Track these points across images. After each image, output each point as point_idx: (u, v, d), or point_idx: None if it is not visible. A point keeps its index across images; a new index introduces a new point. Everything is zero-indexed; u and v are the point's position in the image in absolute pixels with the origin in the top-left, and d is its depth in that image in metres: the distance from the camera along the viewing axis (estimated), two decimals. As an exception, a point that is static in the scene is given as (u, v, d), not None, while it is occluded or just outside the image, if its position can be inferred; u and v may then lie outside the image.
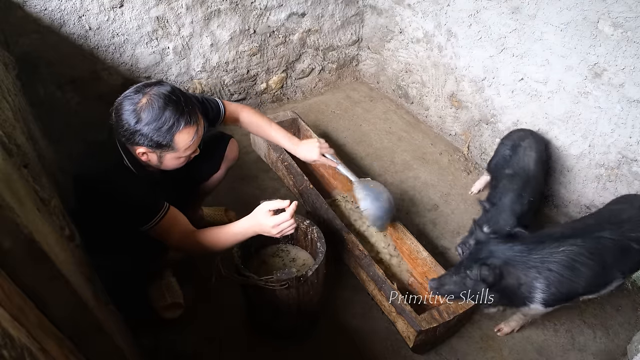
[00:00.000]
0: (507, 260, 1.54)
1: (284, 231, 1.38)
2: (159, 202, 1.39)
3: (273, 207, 1.37)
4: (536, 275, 1.53)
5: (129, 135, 1.27)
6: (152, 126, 1.24)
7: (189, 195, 1.90)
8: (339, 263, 2.01)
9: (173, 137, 1.28)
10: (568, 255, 1.53)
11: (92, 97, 2.34)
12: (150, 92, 1.26)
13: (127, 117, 1.25)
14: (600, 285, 1.58)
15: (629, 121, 1.88)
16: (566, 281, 1.52)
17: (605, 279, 1.56)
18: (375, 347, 1.74)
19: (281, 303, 1.50)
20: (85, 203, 1.41)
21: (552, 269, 1.52)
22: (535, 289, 1.55)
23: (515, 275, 1.53)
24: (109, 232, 1.39)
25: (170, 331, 1.73)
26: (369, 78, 3.49)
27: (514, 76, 2.31)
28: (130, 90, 1.28)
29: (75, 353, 0.78)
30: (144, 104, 1.24)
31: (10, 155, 0.86)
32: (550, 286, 1.53)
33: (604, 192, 2.09)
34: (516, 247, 1.57)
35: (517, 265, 1.54)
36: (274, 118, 2.63)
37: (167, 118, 1.25)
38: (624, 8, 1.74)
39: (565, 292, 1.53)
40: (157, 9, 2.27)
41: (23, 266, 0.63)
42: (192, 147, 1.37)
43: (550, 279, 1.52)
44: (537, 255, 1.54)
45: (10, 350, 0.50)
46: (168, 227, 1.40)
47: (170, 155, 1.35)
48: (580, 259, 1.52)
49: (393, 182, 2.57)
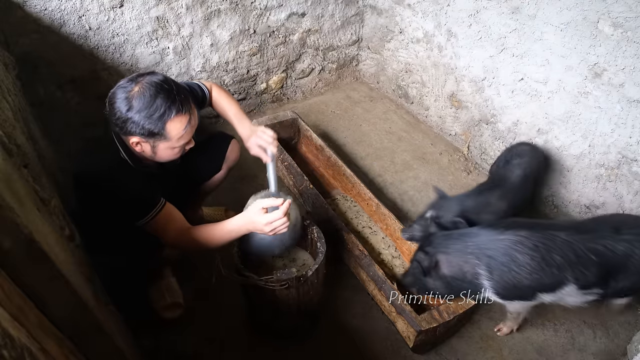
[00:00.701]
0: (443, 247, 1.60)
1: (276, 229, 1.36)
2: (155, 196, 1.39)
3: (266, 204, 1.35)
4: (476, 262, 1.56)
5: (122, 124, 1.28)
6: (144, 114, 1.25)
7: (189, 195, 1.90)
8: (339, 263, 2.01)
9: (165, 125, 1.28)
10: (506, 244, 1.53)
11: (92, 97, 2.34)
12: (142, 81, 1.27)
13: (119, 105, 1.26)
14: (553, 285, 1.54)
15: (629, 121, 1.88)
16: (507, 270, 1.52)
17: (554, 278, 1.52)
18: (375, 347, 1.74)
19: (281, 303, 1.50)
20: (85, 199, 1.42)
21: (490, 255, 1.54)
22: (480, 276, 1.57)
23: (455, 262, 1.58)
24: (108, 229, 1.39)
25: (170, 331, 1.73)
26: (369, 78, 3.49)
27: (514, 76, 2.31)
28: (123, 80, 1.30)
29: (75, 353, 0.78)
30: (136, 92, 1.25)
31: (10, 155, 0.86)
32: (492, 272, 1.54)
33: (604, 192, 2.09)
34: (454, 234, 1.62)
35: (453, 253, 1.59)
36: (274, 118, 2.63)
37: (158, 106, 1.25)
38: (624, 8, 1.74)
39: (511, 282, 1.53)
40: (157, 9, 2.27)
41: (23, 266, 0.63)
42: (186, 137, 1.36)
43: (491, 265, 1.54)
44: (473, 243, 1.57)
45: (10, 350, 0.50)
46: (164, 223, 1.39)
47: (163, 145, 1.35)
48: (519, 247, 1.51)
49: (393, 182, 2.57)
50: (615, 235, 1.53)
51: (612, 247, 1.51)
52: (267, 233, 1.37)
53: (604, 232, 1.55)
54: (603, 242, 1.52)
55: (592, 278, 1.52)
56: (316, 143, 2.53)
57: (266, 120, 2.60)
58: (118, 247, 1.44)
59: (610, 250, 1.51)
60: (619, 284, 1.56)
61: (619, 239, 1.52)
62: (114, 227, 1.39)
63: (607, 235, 1.54)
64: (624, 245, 1.51)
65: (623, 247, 1.51)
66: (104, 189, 1.34)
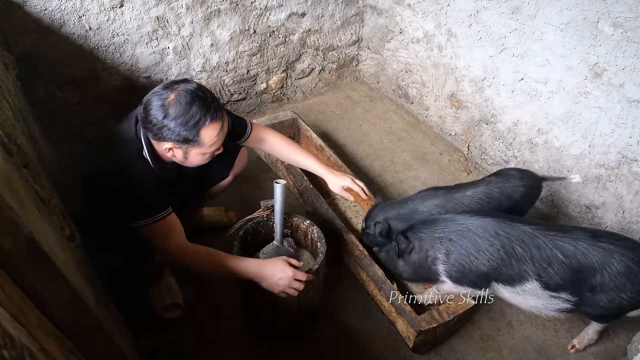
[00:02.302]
0: (419, 233, 1.65)
1: (285, 287, 1.39)
2: (163, 202, 1.40)
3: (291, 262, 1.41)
4: (439, 246, 1.58)
5: (157, 131, 1.30)
6: (179, 121, 1.28)
7: (194, 199, 1.91)
8: (339, 263, 2.01)
9: (199, 132, 1.31)
10: (469, 227, 1.53)
11: (92, 97, 2.34)
12: (178, 89, 1.29)
13: (155, 112, 1.28)
14: (512, 278, 1.49)
15: (629, 121, 1.88)
16: (465, 253, 1.51)
17: (513, 270, 1.48)
18: (375, 347, 1.74)
19: (281, 303, 1.50)
20: (94, 193, 1.42)
21: (452, 239, 1.55)
22: (437, 260, 1.58)
23: (425, 248, 1.62)
24: (111, 227, 1.40)
25: (170, 331, 1.73)
26: (369, 78, 3.49)
27: (514, 76, 2.31)
28: (158, 87, 1.32)
29: (75, 353, 0.78)
30: (172, 100, 1.28)
31: (10, 155, 0.85)
32: (449, 256, 1.54)
33: (604, 192, 2.09)
34: (430, 221, 1.67)
35: (425, 239, 1.62)
36: (274, 118, 2.63)
37: (193, 113, 1.28)
38: (624, 8, 1.74)
39: (467, 265, 1.52)
40: (157, 9, 2.27)
41: (23, 266, 0.63)
42: (217, 143, 1.39)
43: (449, 249, 1.54)
44: (440, 228, 1.60)
45: (10, 350, 0.50)
46: (164, 232, 1.40)
47: (195, 151, 1.38)
48: (480, 232, 1.50)
49: (393, 182, 2.57)
50: (592, 240, 1.45)
51: (585, 251, 1.43)
52: (275, 291, 1.40)
53: (579, 235, 1.47)
54: (575, 243, 1.44)
55: (558, 279, 1.45)
56: (316, 143, 2.53)
57: (266, 120, 2.60)
58: (120, 247, 1.44)
59: (583, 253, 1.43)
60: (595, 296, 1.47)
61: (595, 245, 1.44)
62: (117, 225, 1.39)
63: (582, 238, 1.46)
64: (600, 252, 1.42)
65: (599, 253, 1.42)
66: (116, 183, 1.34)
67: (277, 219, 1.55)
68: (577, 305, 1.53)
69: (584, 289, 1.47)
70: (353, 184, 1.75)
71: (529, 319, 1.88)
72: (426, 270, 1.65)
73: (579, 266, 1.44)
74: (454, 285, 1.62)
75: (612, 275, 1.43)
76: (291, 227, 1.72)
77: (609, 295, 1.46)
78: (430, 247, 1.62)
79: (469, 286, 1.59)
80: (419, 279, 1.72)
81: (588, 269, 1.44)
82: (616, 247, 1.44)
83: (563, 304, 1.52)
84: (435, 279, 1.65)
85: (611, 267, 1.42)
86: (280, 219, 1.55)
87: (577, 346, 1.75)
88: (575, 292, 1.49)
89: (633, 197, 1.99)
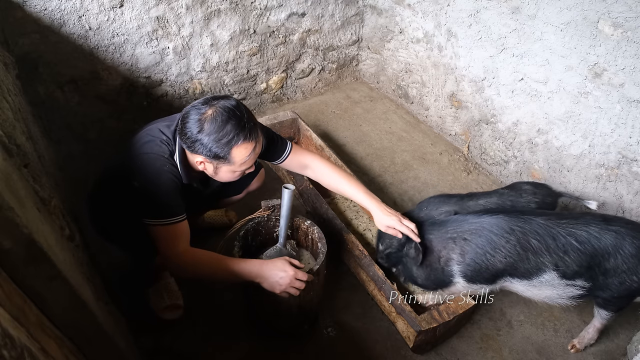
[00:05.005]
0: (428, 234, 1.62)
1: (287, 287, 1.39)
2: (180, 208, 1.41)
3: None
4: (453, 246, 1.55)
5: (190, 143, 1.32)
6: (213, 137, 1.29)
7: (202, 206, 1.91)
8: (339, 263, 2.01)
9: (230, 150, 1.32)
10: (483, 225, 1.52)
11: (92, 97, 2.34)
12: (216, 105, 1.31)
13: (191, 125, 1.30)
14: (529, 271, 1.49)
15: (629, 121, 1.88)
16: (481, 252, 1.50)
17: (530, 264, 1.48)
18: (375, 347, 1.74)
19: (281, 303, 1.50)
20: (116, 185, 1.43)
21: (466, 238, 1.53)
22: (451, 261, 1.55)
23: (436, 249, 1.59)
24: (123, 223, 1.43)
25: (170, 332, 1.73)
26: (369, 78, 3.49)
27: (514, 76, 2.31)
28: (198, 101, 1.34)
29: (75, 353, 0.78)
30: (209, 116, 1.30)
31: (10, 155, 0.85)
32: (464, 255, 1.52)
33: (604, 192, 2.09)
34: (439, 222, 1.64)
35: (434, 240, 1.59)
36: (274, 118, 2.63)
37: (228, 131, 1.29)
38: (624, 8, 1.74)
39: (483, 264, 1.50)
40: (157, 9, 2.27)
41: (23, 266, 0.63)
42: (248, 162, 1.40)
43: (464, 249, 1.52)
44: (453, 228, 1.58)
45: (10, 350, 0.50)
46: (173, 236, 1.40)
47: (226, 168, 1.39)
48: (495, 230, 1.49)
49: (393, 182, 2.57)
50: (603, 224, 1.47)
51: (598, 235, 1.44)
52: (276, 291, 1.40)
53: (590, 220, 1.49)
54: (587, 229, 1.46)
55: (574, 266, 1.46)
56: (316, 143, 2.53)
57: (266, 120, 2.60)
58: (130, 242, 1.46)
59: (596, 238, 1.44)
60: (607, 279, 1.49)
61: (606, 229, 1.45)
62: (130, 219, 1.40)
63: (593, 222, 1.47)
64: (613, 235, 1.44)
65: (611, 237, 1.44)
66: (143, 176, 1.35)
67: (283, 223, 1.55)
68: (589, 290, 1.54)
69: (598, 273, 1.49)
70: (401, 226, 1.58)
71: (529, 318, 1.88)
72: (439, 272, 1.60)
73: (593, 251, 1.45)
74: (466, 285, 1.60)
75: (625, 258, 1.45)
76: (292, 227, 1.73)
77: (621, 278, 1.48)
78: (442, 247, 1.58)
79: (481, 284, 1.58)
80: (431, 284, 1.66)
81: (602, 253, 1.45)
82: (627, 230, 1.46)
83: (577, 291, 1.54)
84: (449, 280, 1.60)
85: (624, 250, 1.44)
86: (286, 224, 1.55)
87: (577, 346, 1.76)
88: (590, 278, 1.51)
89: (633, 197, 1.99)
